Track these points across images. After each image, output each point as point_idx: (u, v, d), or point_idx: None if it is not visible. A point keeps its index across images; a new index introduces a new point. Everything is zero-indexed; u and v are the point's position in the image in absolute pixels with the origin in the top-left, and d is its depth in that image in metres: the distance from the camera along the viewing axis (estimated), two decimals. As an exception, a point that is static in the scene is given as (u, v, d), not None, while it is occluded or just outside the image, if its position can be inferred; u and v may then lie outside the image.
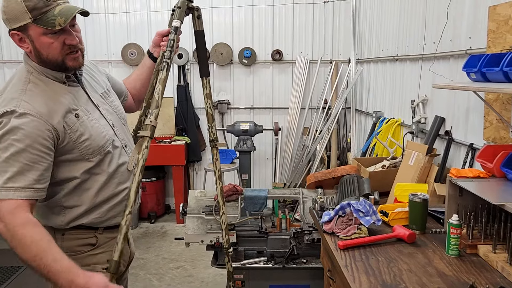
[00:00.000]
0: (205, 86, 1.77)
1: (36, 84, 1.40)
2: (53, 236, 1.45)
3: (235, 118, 5.02)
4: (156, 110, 1.42)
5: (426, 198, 1.78)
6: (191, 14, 1.66)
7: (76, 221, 1.50)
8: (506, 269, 1.41)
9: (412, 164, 2.75)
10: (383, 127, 3.63)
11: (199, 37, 1.72)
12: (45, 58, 1.39)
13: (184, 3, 1.60)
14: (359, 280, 1.41)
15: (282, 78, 5.03)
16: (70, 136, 1.41)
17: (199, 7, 1.68)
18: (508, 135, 1.95)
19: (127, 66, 4.92)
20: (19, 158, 1.30)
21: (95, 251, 1.54)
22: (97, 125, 1.49)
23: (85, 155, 1.45)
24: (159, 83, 1.47)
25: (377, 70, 4.11)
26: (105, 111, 1.56)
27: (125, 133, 1.64)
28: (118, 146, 1.56)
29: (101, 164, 1.49)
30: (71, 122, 1.41)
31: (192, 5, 1.64)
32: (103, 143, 1.48)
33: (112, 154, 1.52)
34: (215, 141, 1.81)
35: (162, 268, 3.66)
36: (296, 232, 2.44)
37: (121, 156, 1.56)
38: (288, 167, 4.94)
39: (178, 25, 1.55)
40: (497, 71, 1.71)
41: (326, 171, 2.86)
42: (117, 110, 1.64)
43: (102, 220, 1.55)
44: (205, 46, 1.77)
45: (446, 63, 2.68)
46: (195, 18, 1.68)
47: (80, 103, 1.47)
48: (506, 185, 1.63)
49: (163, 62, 1.50)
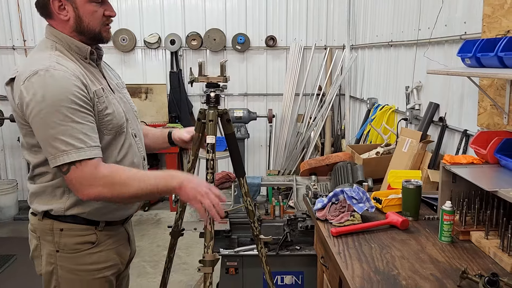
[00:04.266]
0: (242, 185, 1.82)
1: (62, 52, 1.38)
2: (50, 231, 1.42)
3: (229, 105, 4.99)
4: (212, 242, 1.52)
5: (419, 185, 1.77)
6: (220, 118, 1.69)
7: (77, 208, 1.41)
8: (498, 255, 1.41)
9: (406, 151, 2.74)
10: (377, 114, 3.61)
11: (231, 139, 1.76)
12: (85, 26, 1.39)
13: (215, 115, 1.63)
14: (352, 267, 1.40)
15: (276, 64, 4.98)
16: (97, 105, 1.37)
17: (227, 110, 1.73)
18: (502, 121, 1.95)
19: (118, 52, 4.84)
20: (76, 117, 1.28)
21: (94, 250, 1.46)
22: (117, 105, 1.47)
23: (104, 130, 1.40)
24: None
25: (371, 56, 4.08)
26: (119, 98, 1.53)
27: (137, 125, 1.61)
28: (130, 132, 1.52)
29: (115, 143, 1.44)
30: (99, 93, 1.39)
31: (221, 110, 1.69)
32: (122, 122, 1.46)
33: (126, 137, 1.49)
34: (258, 236, 1.86)
35: (157, 255, 3.66)
36: (289, 219, 2.44)
37: (131, 142, 1.52)
38: (282, 154, 4.93)
39: (213, 142, 1.59)
40: (492, 56, 1.69)
41: (320, 158, 2.85)
42: (130, 102, 1.61)
43: (104, 212, 1.46)
44: (238, 147, 1.80)
45: (440, 48, 2.65)
46: (225, 122, 1.72)
47: (101, 81, 1.46)
48: (499, 171, 1.62)
49: (207, 178, 1.58)
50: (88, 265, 1.45)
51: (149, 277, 3.33)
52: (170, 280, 2.08)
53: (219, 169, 4.66)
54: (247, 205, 1.78)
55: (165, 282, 1.97)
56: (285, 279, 2.51)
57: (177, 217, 1.83)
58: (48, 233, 1.42)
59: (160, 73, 4.94)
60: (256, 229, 1.80)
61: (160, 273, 3.42)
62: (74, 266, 1.44)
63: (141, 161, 1.57)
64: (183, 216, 1.84)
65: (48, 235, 1.43)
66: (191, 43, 4.81)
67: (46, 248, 1.44)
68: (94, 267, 1.46)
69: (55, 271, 1.43)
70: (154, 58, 4.94)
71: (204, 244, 1.51)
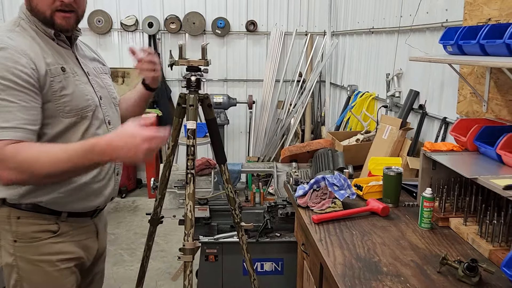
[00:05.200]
0: (223, 172, 1.78)
1: (24, 29, 1.32)
2: (8, 220, 1.33)
3: (208, 90, 4.91)
4: (192, 229, 1.47)
5: (400, 172, 1.77)
6: (201, 103, 1.64)
7: (33, 196, 1.32)
8: (476, 241, 1.43)
9: (386, 138, 2.75)
10: (357, 101, 3.62)
11: (213, 125, 1.71)
12: (34, 6, 1.32)
13: (196, 99, 1.57)
14: (333, 254, 1.40)
15: (257, 50, 4.92)
16: (51, 85, 1.27)
17: (208, 95, 1.68)
18: (481, 109, 1.96)
19: (93, 35, 4.69)
20: (3, 95, 1.18)
21: (55, 240, 1.37)
22: (82, 87, 1.37)
23: (61, 112, 1.30)
24: (188, 198, 1.46)
25: (352, 43, 4.07)
26: (94, 82, 1.44)
27: (114, 112, 1.51)
28: (100, 118, 1.42)
29: (75, 128, 1.34)
30: (56, 72, 1.30)
31: (202, 95, 1.62)
32: (84, 105, 1.35)
33: (91, 122, 1.37)
34: (239, 223, 1.83)
35: (134, 243, 3.61)
36: (270, 206, 2.42)
37: (100, 128, 1.41)
38: (262, 141, 4.90)
39: (194, 127, 1.53)
40: (474, 43, 1.69)
41: (301, 145, 2.83)
42: (109, 88, 1.52)
43: (66, 201, 1.37)
44: (219, 133, 1.76)
45: (422, 36, 2.66)
46: (206, 107, 1.66)
47: (67, 62, 1.37)
48: (479, 158, 1.63)
49: (187, 174, 1.50)
50: (49, 255, 1.36)
51: (126, 265, 3.28)
52: (148, 268, 2.05)
53: (199, 155, 4.60)
54: (228, 192, 1.75)
55: (144, 271, 1.93)
56: (265, 265, 2.51)
57: (156, 204, 1.78)
58: (6, 221, 1.34)
59: (137, 57, 4.79)
60: (237, 216, 1.78)
61: (137, 261, 3.39)
62: (34, 257, 1.35)
63: (112, 183, 1.47)
64: (162, 203, 1.79)
65: (5, 224, 1.34)
66: (170, 26, 4.68)
67: (4, 238, 1.35)
68: (56, 258, 1.37)
69: (15, 263, 1.35)
70: (131, 41, 4.80)
71: (184, 232, 1.47)
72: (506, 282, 1.20)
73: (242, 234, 1.80)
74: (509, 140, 1.51)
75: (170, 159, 1.68)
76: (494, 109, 1.88)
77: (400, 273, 1.27)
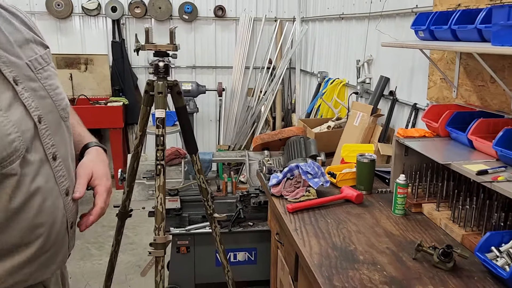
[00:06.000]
0: (195, 162, 1.71)
1: None
2: None
3: (176, 77, 4.77)
4: (163, 223, 1.37)
5: (373, 159, 1.77)
6: (170, 90, 1.54)
7: None
8: (449, 226, 1.44)
9: (357, 125, 2.76)
10: (328, 88, 3.61)
11: (183, 114, 1.63)
12: None
13: (164, 86, 1.47)
14: (309, 243, 1.37)
15: (226, 36, 4.81)
16: None
17: (177, 81, 1.57)
18: (451, 95, 1.98)
19: (53, 19, 4.44)
20: None
21: None
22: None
23: None
24: (158, 190, 1.36)
25: (322, 29, 4.04)
26: (28, 93, 0.87)
27: (62, 135, 0.97)
28: (34, 161, 0.86)
29: None
30: None
31: (171, 81, 1.53)
32: (3, 155, 0.79)
33: (19, 177, 0.83)
34: (212, 214, 1.77)
35: (102, 236, 3.49)
36: (242, 195, 2.38)
37: (39, 175, 0.87)
38: (232, 129, 4.84)
39: (163, 116, 1.43)
40: (445, 29, 1.69)
41: (273, 133, 2.80)
42: (56, 95, 0.95)
43: None
44: (190, 122, 1.68)
45: (392, 21, 2.65)
46: (176, 94, 1.57)
47: None
48: (450, 144, 1.65)
49: (157, 165, 1.41)
50: None
51: (93, 259, 3.17)
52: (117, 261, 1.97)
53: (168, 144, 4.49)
54: (200, 182, 1.69)
55: (113, 266, 1.85)
56: (238, 255, 2.48)
57: (124, 197, 1.70)
58: None
59: (101, 43, 4.60)
60: (209, 207, 1.72)
61: (105, 255, 3.28)
62: None
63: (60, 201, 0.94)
64: (130, 196, 1.71)
65: None
66: (135, 11, 4.50)
67: None
68: None
69: None
70: (94, 27, 4.58)
71: (154, 225, 1.40)
72: (479, 266, 1.21)
73: (215, 226, 1.76)
74: (480, 125, 1.52)
75: (138, 150, 1.60)
76: (464, 95, 1.90)
77: (376, 261, 1.26)
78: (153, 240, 1.39)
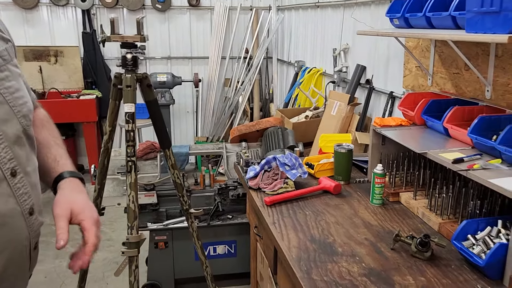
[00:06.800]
0: (168, 157, 1.64)
1: None
2: None
3: (151, 69, 4.67)
4: (136, 221, 1.32)
5: (351, 149, 1.75)
6: (139, 83, 1.46)
7: None
8: (426, 215, 1.44)
9: (334, 114, 2.75)
10: (305, 77, 3.58)
11: (154, 107, 1.55)
12: None
13: (133, 79, 1.40)
14: (287, 237, 1.35)
15: (201, 25, 4.72)
16: None
17: (147, 74, 1.49)
18: (427, 82, 1.98)
19: (18, 9, 4.25)
20: None
21: None
22: None
23: None
24: (130, 188, 1.31)
25: (298, 18, 4.01)
26: None
27: (22, 146, 0.86)
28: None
29: None
30: None
31: (140, 74, 1.45)
32: None
33: None
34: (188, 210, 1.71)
35: (78, 233, 3.36)
36: (220, 188, 2.35)
37: None
38: (210, 120, 4.77)
39: (132, 111, 1.36)
40: (420, 16, 1.67)
41: (250, 124, 2.76)
42: (14, 100, 0.84)
43: None
44: (161, 116, 1.60)
45: (367, 9, 2.63)
46: (145, 87, 1.49)
47: None
48: (426, 132, 1.64)
49: (128, 162, 1.35)
50: None
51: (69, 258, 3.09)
52: (94, 259, 1.91)
53: (143, 138, 4.40)
54: (174, 178, 1.64)
55: (87, 268, 1.79)
56: (217, 249, 2.45)
57: (95, 195, 1.63)
58: None
59: (71, 34, 4.44)
60: (185, 203, 1.68)
61: (82, 252, 3.19)
62: None
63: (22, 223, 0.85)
64: (102, 194, 1.64)
65: None
66: (105, 0, 4.35)
67: None
68: None
69: None
70: (63, 17, 4.41)
71: (127, 224, 1.35)
72: (456, 254, 1.22)
73: (192, 221, 1.72)
74: (455, 113, 1.52)
75: (108, 146, 1.54)
76: (439, 83, 1.90)
77: (355, 253, 1.25)
78: (126, 239, 1.34)
